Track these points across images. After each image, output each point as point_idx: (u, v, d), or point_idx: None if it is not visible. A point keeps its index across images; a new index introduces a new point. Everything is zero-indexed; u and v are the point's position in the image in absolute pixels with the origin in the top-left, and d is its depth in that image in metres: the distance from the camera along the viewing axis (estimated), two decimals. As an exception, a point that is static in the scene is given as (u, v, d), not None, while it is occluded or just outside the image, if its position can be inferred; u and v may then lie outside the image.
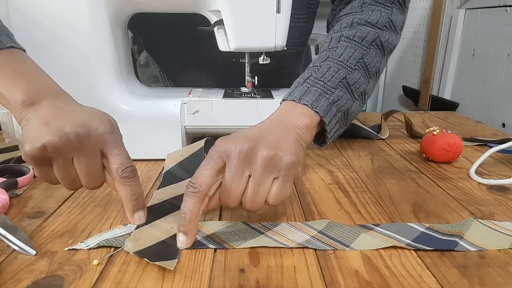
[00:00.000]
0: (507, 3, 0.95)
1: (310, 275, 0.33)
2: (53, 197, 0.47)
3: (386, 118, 0.78)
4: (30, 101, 0.38)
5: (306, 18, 0.73)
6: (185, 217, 0.36)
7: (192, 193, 0.36)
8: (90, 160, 0.38)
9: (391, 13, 0.55)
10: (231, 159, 0.37)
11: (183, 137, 0.60)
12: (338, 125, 0.50)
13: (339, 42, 0.52)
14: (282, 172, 0.38)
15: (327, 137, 0.49)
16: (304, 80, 0.49)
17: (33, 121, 0.37)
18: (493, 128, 0.81)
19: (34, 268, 0.34)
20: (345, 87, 0.49)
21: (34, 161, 0.37)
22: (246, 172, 0.37)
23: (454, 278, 0.33)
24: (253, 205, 0.38)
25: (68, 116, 0.38)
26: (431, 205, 0.46)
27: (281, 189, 0.38)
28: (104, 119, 0.39)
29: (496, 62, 0.98)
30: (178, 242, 0.37)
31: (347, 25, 0.54)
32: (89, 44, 0.56)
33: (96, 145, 0.38)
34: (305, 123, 0.44)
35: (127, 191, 0.38)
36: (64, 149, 0.36)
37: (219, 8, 0.55)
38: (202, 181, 0.36)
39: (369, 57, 0.51)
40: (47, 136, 0.36)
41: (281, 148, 0.38)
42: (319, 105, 0.46)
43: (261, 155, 0.37)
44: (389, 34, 0.54)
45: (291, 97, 0.47)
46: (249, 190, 0.37)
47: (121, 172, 0.38)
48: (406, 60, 1.47)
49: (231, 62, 0.62)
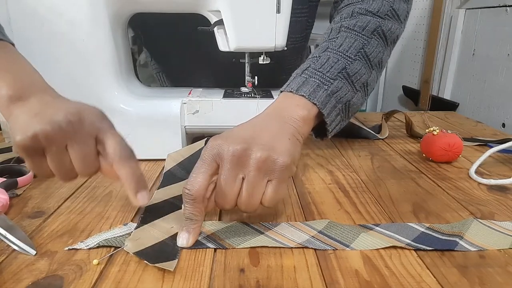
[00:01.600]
0: (507, 3, 0.95)
1: (310, 275, 0.33)
2: (53, 197, 0.47)
3: (387, 118, 0.78)
4: (17, 97, 0.37)
5: (307, 12, 0.73)
6: (191, 219, 0.37)
7: (188, 199, 0.37)
8: (84, 147, 0.37)
9: (393, 1, 0.54)
10: (224, 161, 0.37)
11: (183, 137, 0.60)
12: (340, 118, 0.49)
13: (339, 32, 0.51)
14: (276, 174, 0.37)
15: (327, 130, 0.48)
16: (302, 71, 0.48)
17: (21, 114, 0.36)
18: (493, 128, 0.81)
19: (34, 268, 0.34)
20: (345, 78, 0.48)
21: (26, 152, 0.36)
22: (240, 175, 0.37)
23: (454, 278, 0.33)
24: (248, 207, 0.38)
25: (58, 107, 0.37)
26: (431, 205, 0.46)
27: (276, 191, 0.38)
28: (94, 109, 0.39)
29: (496, 62, 0.98)
30: (180, 239, 0.37)
31: (348, 15, 0.53)
32: (89, 44, 0.56)
33: (90, 131, 0.37)
34: (302, 115, 0.43)
35: (127, 171, 0.38)
36: (57, 137, 0.36)
37: (219, 8, 0.55)
38: (197, 187, 0.36)
39: (371, 47, 0.50)
40: (39, 125, 0.35)
41: (275, 149, 0.38)
42: (316, 96, 0.45)
43: (254, 157, 0.37)
44: (392, 23, 0.53)
45: (289, 88, 0.46)
46: (243, 192, 0.37)
47: (119, 152, 0.37)
48: (406, 60, 1.47)
49: (231, 62, 0.62)
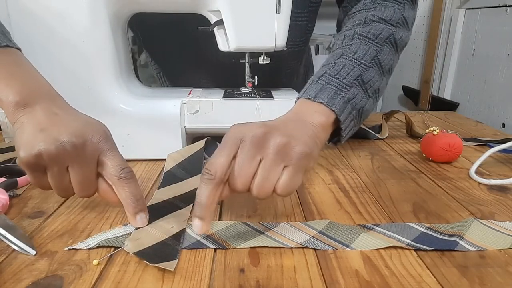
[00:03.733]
0: (507, 3, 0.95)
1: (310, 275, 0.33)
2: (53, 197, 0.47)
3: (387, 118, 0.78)
4: (23, 103, 0.38)
5: (307, 16, 0.73)
6: (201, 203, 0.35)
7: (208, 179, 0.35)
8: (85, 170, 0.38)
9: (404, 9, 0.55)
10: (244, 142, 0.36)
11: (183, 137, 0.60)
12: (353, 123, 0.49)
13: (353, 39, 0.52)
14: (293, 161, 0.37)
15: (342, 136, 0.48)
16: (319, 77, 0.48)
17: (27, 126, 0.37)
18: (493, 128, 0.81)
19: (34, 268, 0.34)
20: (360, 84, 0.48)
21: (28, 168, 0.37)
22: (258, 156, 0.37)
23: (454, 278, 0.33)
24: (261, 191, 0.37)
25: (63, 124, 0.38)
26: (431, 205, 0.46)
27: (291, 179, 0.37)
28: (98, 128, 0.39)
29: (496, 62, 0.98)
30: (194, 227, 0.36)
31: (360, 22, 0.54)
32: (89, 44, 0.56)
33: (92, 154, 0.38)
34: (321, 122, 0.43)
35: (127, 193, 0.38)
36: (59, 158, 0.36)
37: (219, 8, 0.55)
38: (218, 167, 0.35)
39: (383, 55, 0.51)
40: (43, 144, 0.36)
41: (295, 137, 0.38)
42: (335, 103, 0.45)
43: (274, 141, 0.37)
44: (402, 31, 0.54)
45: (306, 95, 0.46)
46: (258, 175, 0.37)
47: (119, 173, 0.38)
48: (406, 60, 1.47)
49: (231, 62, 0.62)
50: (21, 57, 0.43)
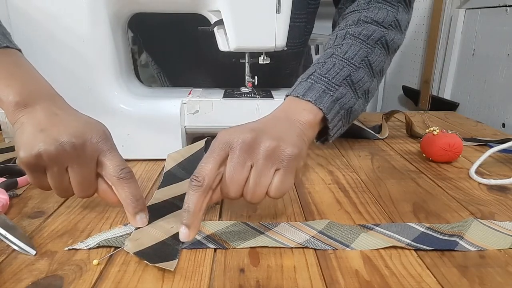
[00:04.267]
0: (507, 3, 0.95)
1: (310, 275, 0.33)
2: (53, 197, 0.47)
3: (387, 118, 0.78)
4: (24, 103, 0.38)
5: (305, 17, 0.73)
6: (189, 210, 0.36)
7: (196, 186, 0.36)
8: (85, 170, 0.38)
9: (397, 12, 0.55)
10: (233, 149, 0.37)
11: (183, 137, 0.60)
12: (341, 123, 0.49)
13: (344, 39, 0.52)
14: (284, 163, 0.37)
15: (329, 135, 0.48)
16: (308, 76, 0.49)
17: (27, 126, 0.37)
18: (493, 128, 0.81)
19: (34, 268, 0.34)
20: (349, 84, 0.48)
21: (28, 168, 0.37)
22: (248, 162, 0.37)
23: (454, 278, 0.33)
24: (254, 196, 0.37)
25: (63, 124, 0.38)
26: (431, 205, 0.46)
27: (283, 181, 0.37)
28: (98, 128, 0.39)
29: (496, 62, 0.98)
30: (181, 234, 0.36)
31: (353, 22, 0.54)
32: (89, 45, 0.56)
33: (91, 155, 0.38)
34: (308, 119, 0.44)
35: (126, 193, 0.38)
36: (59, 158, 0.37)
37: (219, 8, 0.55)
38: (205, 174, 0.36)
39: (374, 56, 0.51)
40: (43, 145, 0.36)
41: (284, 139, 0.38)
42: (322, 101, 0.45)
43: (263, 145, 0.37)
44: (394, 33, 0.54)
45: (295, 93, 0.47)
46: (250, 180, 0.37)
47: (118, 173, 0.38)
48: (406, 60, 1.47)
49: (231, 62, 0.62)
50: (21, 57, 0.43)
